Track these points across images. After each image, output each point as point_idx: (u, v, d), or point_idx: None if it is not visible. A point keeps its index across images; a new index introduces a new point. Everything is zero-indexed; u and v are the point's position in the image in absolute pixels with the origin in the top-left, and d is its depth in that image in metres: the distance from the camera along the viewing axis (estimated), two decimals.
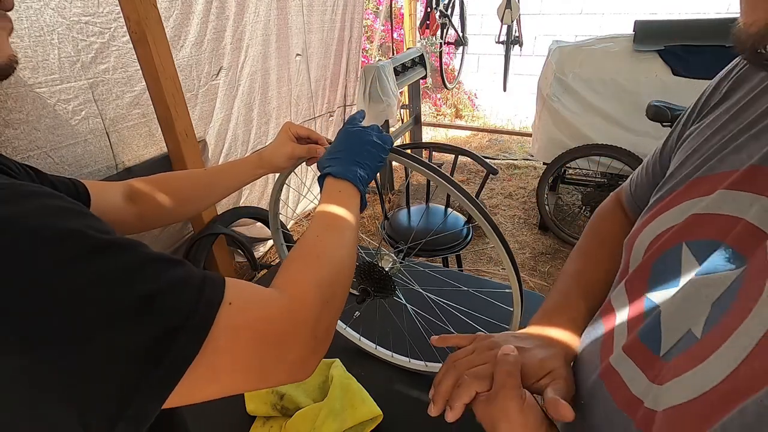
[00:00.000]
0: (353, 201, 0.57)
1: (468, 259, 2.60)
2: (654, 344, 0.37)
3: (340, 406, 0.79)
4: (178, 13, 1.60)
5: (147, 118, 1.56)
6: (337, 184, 0.58)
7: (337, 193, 0.57)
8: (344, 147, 0.63)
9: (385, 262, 0.80)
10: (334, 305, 0.46)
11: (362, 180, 0.60)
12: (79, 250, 0.30)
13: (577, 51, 2.54)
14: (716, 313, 0.33)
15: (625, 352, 0.40)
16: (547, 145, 2.61)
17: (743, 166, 0.35)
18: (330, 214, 0.54)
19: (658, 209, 0.44)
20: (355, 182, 0.58)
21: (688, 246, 0.38)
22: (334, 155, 0.62)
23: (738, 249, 0.34)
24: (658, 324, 0.37)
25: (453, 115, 5.26)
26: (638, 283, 0.42)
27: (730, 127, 0.40)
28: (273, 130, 2.31)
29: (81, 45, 1.31)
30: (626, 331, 0.41)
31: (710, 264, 0.35)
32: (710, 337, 0.33)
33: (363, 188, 0.60)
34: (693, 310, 0.35)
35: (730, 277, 0.33)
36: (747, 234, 0.33)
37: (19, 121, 1.21)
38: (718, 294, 0.34)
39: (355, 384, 0.84)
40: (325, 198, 0.56)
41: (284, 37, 2.23)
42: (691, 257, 0.38)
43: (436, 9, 3.72)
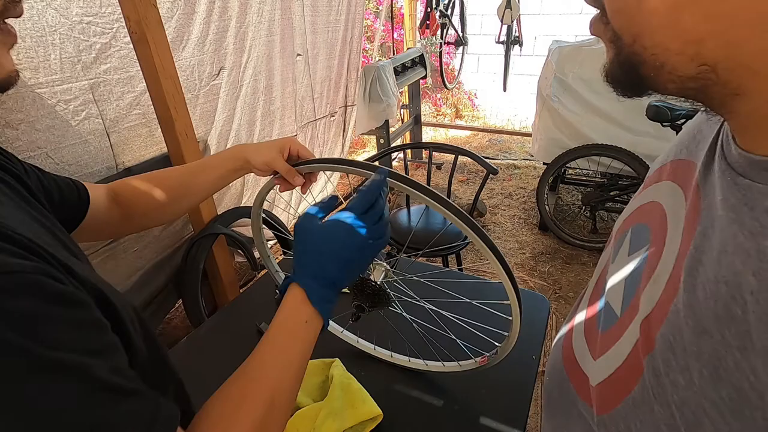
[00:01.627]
0: (316, 333, 0.49)
1: (468, 259, 2.60)
2: (599, 321, 0.42)
3: (340, 406, 0.79)
4: (180, 13, 1.60)
5: (147, 119, 1.56)
6: (304, 312, 0.48)
7: (302, 324, 0.48)
8: (328, 255, 0.50)
9: (377, 272, 0.77)
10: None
11: (331, 311, 0.51)
12: (16, 368, 0.26)
13: (577, 51, 2.54)
14: (630, 291, 0.37)
15: (584, 331, 0.45)
16: (547, 145, 2.61)
17: (687, 158, 0.38)
18: (285, 349, 0.46)
19: (639, 190, 0.47)
20: (326, 317, 0.50)
21: (632, 230, 0.42)
22: (312, 262, 0.50)
23: (652, 230, 0.38)
24: (604, 302, 0.42)
25: (453, 115, 5.26)
26: (607, 260, 0.46)
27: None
28: (277, 131, 2.31)
29: (83, 45, 1.31)
30: (586, 307, 0.46)
31: (634, 245, 0.40)
32: (626, 314, 0.37)
33: (329, 321, 0.52)
34: (617, 288, 0.40)
35: (642, 255, 0.38)
36: (660, 217, 0.38)
37: (20, 122, 1.21)
38: (630, 270, 0.38)
39: (355, 383, 0.84)
40: (285, 324, 0.48)
41: (288, 37, 2.23)
42: (628, 241, 0.42)
43: (436, 9, 3.72)
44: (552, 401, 0.49)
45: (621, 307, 0.38)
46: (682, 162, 0.38)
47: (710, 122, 0.37)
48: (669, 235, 0.35)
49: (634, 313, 0.35)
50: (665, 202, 0.38)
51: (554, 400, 0.48)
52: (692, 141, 0.39)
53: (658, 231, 0.37)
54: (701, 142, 0.37)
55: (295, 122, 2.44)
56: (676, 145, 0.42)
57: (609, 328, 0.39)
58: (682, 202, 0.35)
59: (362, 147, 4.52)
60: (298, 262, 0.51)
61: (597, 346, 0.40)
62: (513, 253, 2.63)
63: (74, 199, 0.61)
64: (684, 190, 0.36)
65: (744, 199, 0.27)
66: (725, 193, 0.29)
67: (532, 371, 0.90)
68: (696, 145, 0.37)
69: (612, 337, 0.38)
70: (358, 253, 0.52)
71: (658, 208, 0.39)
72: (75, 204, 0.61)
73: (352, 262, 0.52)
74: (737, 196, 0.28)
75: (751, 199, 0.27)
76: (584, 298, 0.50)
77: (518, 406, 0.84)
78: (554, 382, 0.48)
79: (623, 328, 0.36)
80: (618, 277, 0.41)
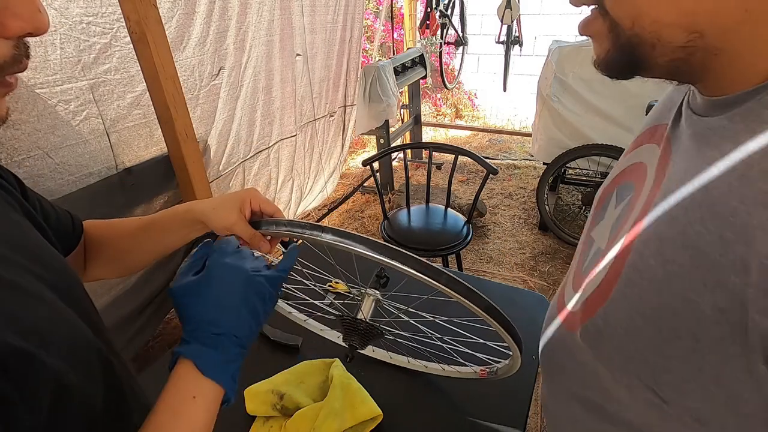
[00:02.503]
0: (213, 406, 0.41)
1: (468, 259, 2.60)
2: (584, 262, 0.49)
3: (340, 406, 0.79)
4: (180, 13, 1.60)
5: (148, 119, 1.56)
6: (191, 386, 0.40)
7: (190, 400, 0.40)
8: (214, 307, 0.43)
9: (366, 306, 0.75)
10: None
11: (235, 370, 0.43)
12: None
13: (577, 51, 2.54)
14: (614, 230, 0.45)
15: (573, 275, 0.51)
16: (547, 145, 2.61)
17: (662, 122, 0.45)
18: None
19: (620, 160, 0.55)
20: (225, 382, 0.42)
21: (617, 189, 0.49)
22: (196, 324, 0.42)
23: (636, 183, 0.45)
24: (591, 246, 0.49)
25: (453, 115, 5.26)
26: (592, 224, 0.53)
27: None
28: (277, 131, 2.31)
29: (83, 45, 1.31)
30: (577, 260, 0.53)
31: (619, 199, 0.48)
32: (608, 244, 0.44)
33: (234, 382, 0.43)
34: (603, 231, 0.47)
35: (625, 201, 0.45)
36: (642, 172, 0.45)
37: (20, 122, 1.21)
38: (616, 216, 0.46)
39: (355, 384, 0.84)
40: (169, 404, 0.40)
41: (288, 37, 2.23)
42: (614, 198, 0.49)
43: (436, 9, 3.72)
44: (550, 357, 0.54)
45: (606, 243, 0.46)
46: (658, 126, 0.46)
47: (679, 91, 0.45)
48: (647, 180, 0.43)
49: (615, 242, 0.42)
50: (646, 159, 0.45)
51: (553, 354, 0.53)
52: (665, 108, 0.47)
53: (640, 182, 0.44)
54: (672, 108, 0.44)
55: (295, 122, 2.44)
56: (651, 116, 0.50)
57: (594, 263, 0.46)
58: (656, 156, 0.43)
59: (362, 147, 4.52)
60: (184, 330, 0.43)
61: (581, 283, 0.47)
62: (513, 253, 2.63)
63: (68, 227, 0.58)
64: (659, 145, 0.43)
65: (704, 131, 0.35)
66: (691, 130, 0.37)
67: (532, 371, 0.90)
68: (668, 110, 0.45)
69: (595, 266, 0.45)
70: (252, 290, 0.45)
71: (641, 167, 0.46)
72: (68, 233, 0.58)
73: (246, 294, 0.44)
74: (699, 130, 0.36)
75: (709, 130, 0.35)
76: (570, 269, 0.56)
77: (518, 406, 0.84)
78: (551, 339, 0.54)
79: (606, 253, 0.43)
80: (606, 224, 0.48)
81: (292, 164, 2.52)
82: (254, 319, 0.45)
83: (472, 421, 0.81)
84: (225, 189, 2.01)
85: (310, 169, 2.74)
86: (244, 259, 0.48)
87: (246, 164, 2.13)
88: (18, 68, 0.37)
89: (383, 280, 0.86)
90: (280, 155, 2.39)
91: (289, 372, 0.89)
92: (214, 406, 0.41)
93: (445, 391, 0.88)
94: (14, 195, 0.48)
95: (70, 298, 0.41)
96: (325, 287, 1.09)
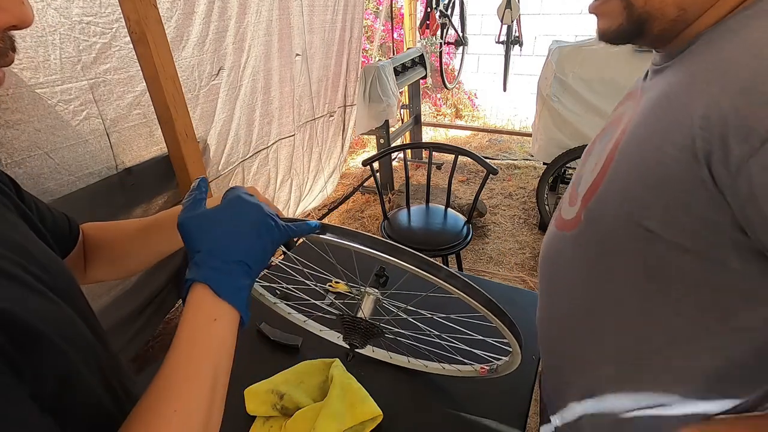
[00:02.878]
0: (232, 330, 0.42)
1: (468, 259, 2.60)
2: (577, 187, 0.61)
3: (340, 406, 0.79)
4: (180, 13, 1.60)
5: (147, 119, 1.56)
6: (210, 308, 0.41)
7: (211, 323, 0.40)
8: (226, 234, 0.44)
9: (367, 305, 0.75)
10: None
11: (247, 298, 0.43)
12: None
13: (577, 51, 2.54)
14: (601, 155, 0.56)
15: (568, 201, 0.63)
16: (547, 145, 2.61)
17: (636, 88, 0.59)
18: (192, 359, 0.39)
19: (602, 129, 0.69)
20: (242, 307, 0.42)
21: (600, 139, 0.63)
22: (208, 252, 0.43)
23: (615, 126, 0.57)
24: (581, 178, 0.61)
25: (453, 115, 5.26)
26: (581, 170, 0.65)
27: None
28: (275, 131, 2.31)
29: (83, 45, 1.31)
30: (569, 193, 0.65)
31: (603, 139, 0.60)
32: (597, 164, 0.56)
33: (247, 309, 0.43)
34: (594, 161, 0.59)
35: (608, 137, 0.57)
36: (620, 118, 0.57)
37: (20, 122, 1.21)
38: (602, 148, 0.58)
39: (355, 384, 0.84)
40: (188, 328, 0.40)
41: (286, 37, 2.23)
42: (598, 144, 0.62)
43: (436, 9, 3.72)
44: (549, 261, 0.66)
45: (597, 165, 0.57)
46: (629, 93, 0.61)
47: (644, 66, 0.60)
48: (625, 118, 0.55)
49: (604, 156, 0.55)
50: (624, 110, 0.58)
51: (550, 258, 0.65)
52: (638, 79, 0.61)
53: (617, 123, 0.57)
54: (638, 81, 0.60)
55: (293, 122, 2.44)
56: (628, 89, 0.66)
57: (588, 180, 0.58)
58: (632, 105, 0.55)
59: (362, 147, 4.52)
60: (193, 261, 0.43)
61: (576, 197, 0.59)
62: (513, 253, 2.63)
63: (65, 230, 0.58)
64: (634, 100, 0.56)
65: (662, 74, 0.51)
66: (654, 77, 0.53)
67: (532, 371, 0.90)
68: (638, 80, 0.61)
69: (591, 178, 0.57)
70: (262, 218, 0.45)
71: (618, 116, 0.59)
72: (65, 235, 0.58)
73: (259, 227, 0.45)
74: (659, 73, 0.52)
75: (665, 71, 0.50)
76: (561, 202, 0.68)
77: (518, 406, 0.84)
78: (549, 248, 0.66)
79: (597, 168, 0.55)
80: (594, 156, 0.60)
81: (291, 164, 2.52)
82: (264, 254, 0.45)
83: (472, 421, 0.81)
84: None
85: (310, 169, 2.74)
86: (261, 202, 0.48)
87: (245, 164, 2.13)
88: (4, 61, 0.37)
89: (383, 279, 0.86)
90: (279, 155, 2.39)
91: (289, 372, 0.89)
92: (235, 327, 0.42)
93: (445, 391, 0.88)
94: (10, 197, 0.47)
95: (68, 299, 0.41)
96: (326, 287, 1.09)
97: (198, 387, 0.38)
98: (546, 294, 0.68)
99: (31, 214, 0.49)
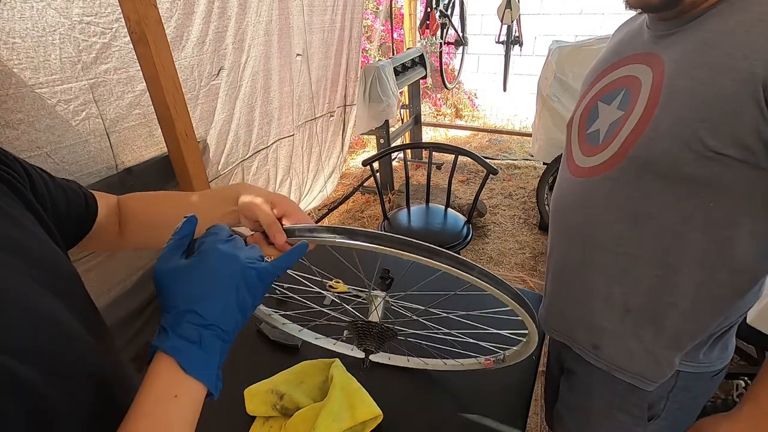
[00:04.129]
0: (195, 405, 0.38)
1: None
2: (595, 142, 0.72)
3: (340, 406, 0.79)
4: (180, 13, 1.60)
5: (147, 119, 1.56)
6: (175, 383, 0.37)
7: (171, 399, 0.37)
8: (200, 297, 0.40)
9: (377, 308, 0.74)
10: None
11: (219, 368, 0.40)
12: None
13: (577, 51, 2.54)
14: (624, 106, 0.68)
15: (584, 155, 0.75)
16: (547, 145, 2.61)
17: (627, 55, 0.72)
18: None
19: (578, 102, 0.81)
20: (208, 381, 0.39)
21: (601, 99, 0.73)
22: (179, 314, 0.39)
23: (626, 85, 0.69)
24: (597, 134, 0.72)
25: (453, 115, 5.26)
26: (581, 133, 0.77)
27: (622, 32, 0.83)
28: (275, 131, 2.31)
29: (83, 45, 1.31)
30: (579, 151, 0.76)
31: (609, 100, 0.71)
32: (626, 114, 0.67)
33: (217, 380, 0.40)
34: (609, 115, 0.70)
35: (621, 94, 0.69)
36: (631, 79, 0.68)
37: (20, 122, 1.21)
38: (618, 104, 0.69)
39: (354, 384, 0.84)
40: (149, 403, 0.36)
41: (286, 37, 2.23)
42: (600, 105, 0.73)
43: (436, 9, 3.72)
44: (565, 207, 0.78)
45: (621, 115, 0.68)
46: (627, 56, 0.72)
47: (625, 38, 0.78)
48: (642, 78, 0.66)
49: (636, 107, 0.65)
50: (628, 72, 0.70)
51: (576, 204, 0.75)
52: (618, 51, 0.76)
53: (631, 81, 0.68)
54: (629, 46, 0.73)
55: (293, 122, 2.44)
56: (605, 60, 0.80)
57: (613, 131, 0.69)
58: (641, 66, 0.67)
59: (362, 147, 4.52)
60: (162, 324, 0.40)
61: (598, 149, 0.71)
62: (513, 253, 2.63)
63: (81, 211, 0.57)
64: (639, 62, 0.68)
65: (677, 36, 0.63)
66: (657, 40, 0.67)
67: (532, 371, 0.90)
68: (624, 50, 0.74)
69: (618, 129, 0.67)
70: (244, 282, 0.42)
71: (624, 78, 0.70)
72: (82, 215, 0.57)
73: (239, 292, 0.41)
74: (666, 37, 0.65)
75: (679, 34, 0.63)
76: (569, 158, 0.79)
77: (518, 406, 0.84)
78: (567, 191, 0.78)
79: (628, 116, 0.66)
80: (609, 113, 0.71)
81: (290, 164, 2.52)
82: (242, 313, 0.42)
83: (472, 420, 0.81)
84: None
85: (309, 169, 2.74)
86: (239, 249, 0.45)
87: (245, 164, 2.13)
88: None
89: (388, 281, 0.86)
90: (279, 155, 2.39)
91: (289, 372, 0.89)
92: (197, 404, 0.38)
93: (446, 391, 0.88)
94: (20, 192, 0.46)
95: (66, 299, 0.41)
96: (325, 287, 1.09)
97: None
98: (569, 238, 0.78)
99: (42, 210, 0.48)
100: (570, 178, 0.77)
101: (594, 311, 0.75)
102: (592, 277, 0.74)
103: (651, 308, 0.69)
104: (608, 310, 0.73)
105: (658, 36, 0.66)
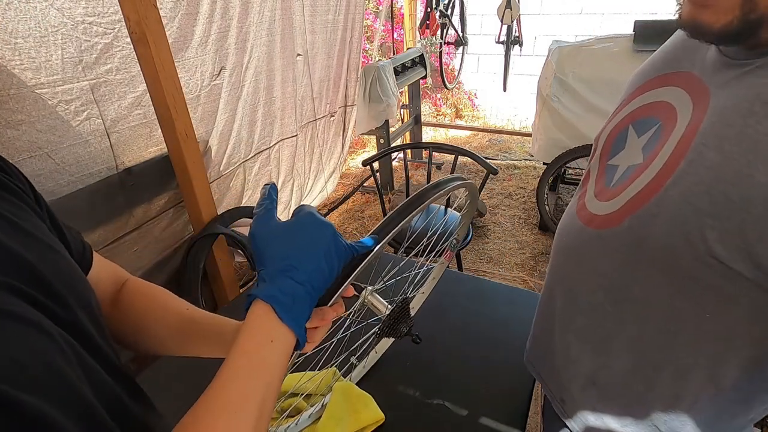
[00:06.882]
0: (287, 352, 0.41)
1: (468, 259, 2.60)
2: (609, 182, 0.60)
3: (342, 412, 0.79)
4: (183, 14, 1.60)
5: (148, 119, 1.56)
6: (268, 329, 0.40)
7: (269, 343, 0.40)
8: (295, 256, 0.43)
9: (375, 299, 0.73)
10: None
11: (306, 322, 0.43)
12: None
13: (577, 51, 2.54)
14: (649, 150, 0.54)
15: (595, 194, 0.62)
16: (547, 145, 2.61)
17: (681, 70, 0.56)
18: (246, 377, 0.38)
19: (616, 110, 0.66)
20: (299, 332, 0.42)
21: (633, 125, 0.60)
22: (276, 269, 0.42)
23: (661, 117, 0.55)
24: (614, 171, 0.60)
25: (453, 115, 5.26)
26: (603, 158, 0.64)
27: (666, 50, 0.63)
28: (277, 131, 2.31)
29: (84, 46, 1.32)
30: (594, 184, 0.64)
31: (640, 130, 0.58)
32: (648, 157, 0.54)
33: (305, 333, 0.43)
34: (632, 154, 0.57)
35: (654, 129, 0.55)
36: (667, 108, 0.55)
37: (21, 122, 1.21)
38: (645, 142, 0.56)
39: (355, 389, 0.84)
40: (244, 346, 0.40)
41: (289, 37, 2.23)
42: (631, 131, 0.60)
43: (436, 9, 3.72)
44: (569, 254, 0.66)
45: (643, 159, 0.55)
46: (674, 73, 0.56)
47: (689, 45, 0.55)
48: (681, 110, 0.52)
49: (659, 154, 0.51)
50: (669, 99, 0.55)
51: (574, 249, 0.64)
52: (675, 59, 0.58)
53: (669, 114, 0.54)
54: (688, 58, 0.55)
55: (296, 122, 2.44)
56: (655, 66, 0.61)
57: (629, 176, 0.56)
58: (686, 96, 0.52)
59: (362, 147, 4.52)
60: (260, 275, 0.43)
61: (613, 194, 0.58)
62: (513, 253, 2.64)
63: (77, 255, 0.52)
64: (686, 89, 0.53)
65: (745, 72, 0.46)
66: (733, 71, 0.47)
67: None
68: (680, 61, 0.56)
69: (634, 176, 0.55)
70: (333, 238, 0.44)
71: (662, 105, 0.56)
72: (78, 260, 0.52)
73: (329, 248, 0.44)
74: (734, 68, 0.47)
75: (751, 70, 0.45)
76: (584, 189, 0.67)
77: (518, 406, 0.84)
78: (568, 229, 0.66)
79: (649, 164, 0.53)
80: (633, 149, 0.58)
81: (293, 164, 2.52)
82: (330, 275, 0.45)
83: (472, 421, 0.82)
84: (225, 189, 2.01)
85: (311, 169, 2.74)
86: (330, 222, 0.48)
87: (246, 164, 2.13)
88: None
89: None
90: (281, 155, 2.39)
91: (290, 375, 0.89)
92: (288, 351, 0.41)
93: (446, 391, 0.88)
94: (28, 203, 0.43)
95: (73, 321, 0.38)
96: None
97: (248, 404, 0.37)
98: (559, 281, 0.68)
99: (43, 222, 0.44)
100: (573, 214, 0.66)
101: (564, 368, 0.68)
102: (567, 336, 0.66)
103: (618, 391, 0.60)
104: (575, 374, 0.66)
105: (723, 63, 0.49)
